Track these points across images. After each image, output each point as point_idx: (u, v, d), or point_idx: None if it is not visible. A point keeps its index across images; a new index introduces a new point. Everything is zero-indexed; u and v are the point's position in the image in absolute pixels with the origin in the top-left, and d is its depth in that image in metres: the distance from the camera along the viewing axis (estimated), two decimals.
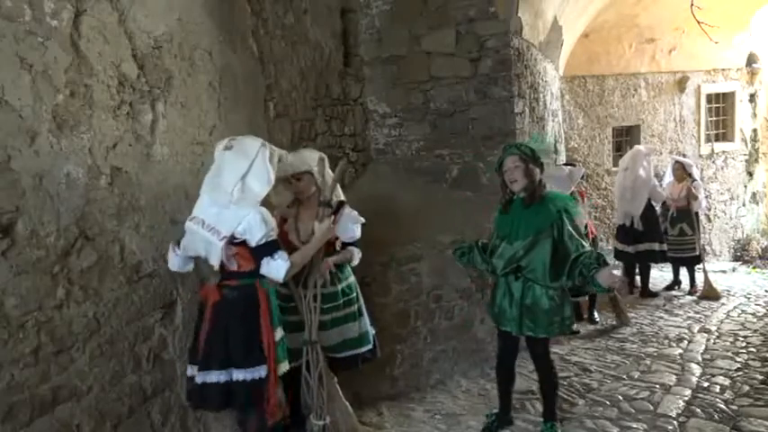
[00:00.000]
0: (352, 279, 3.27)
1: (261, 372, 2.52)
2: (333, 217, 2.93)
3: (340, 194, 3.24)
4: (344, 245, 3.19)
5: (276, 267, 2.50)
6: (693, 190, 6.64)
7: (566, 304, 3.08)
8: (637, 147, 7.19)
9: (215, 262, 2.51)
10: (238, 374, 2.50)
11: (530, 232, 3.01)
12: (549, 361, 3.24)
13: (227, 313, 2.54)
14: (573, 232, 2.99)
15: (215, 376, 2.50)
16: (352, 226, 3.16)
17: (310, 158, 3.10)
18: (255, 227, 2.46)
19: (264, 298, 2.60)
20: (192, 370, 2.61)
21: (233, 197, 2.44)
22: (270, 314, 2.60)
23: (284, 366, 2.65)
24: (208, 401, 2.56)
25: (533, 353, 3.24)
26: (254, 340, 2.54)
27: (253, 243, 2.48)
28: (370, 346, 3.29)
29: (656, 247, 6.50)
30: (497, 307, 3.19)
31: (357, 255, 3.23)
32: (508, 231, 3.09)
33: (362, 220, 3.22)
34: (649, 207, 6.45)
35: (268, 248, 2.49)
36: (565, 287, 3.06)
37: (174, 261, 2.62)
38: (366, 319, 3.29)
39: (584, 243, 3.00)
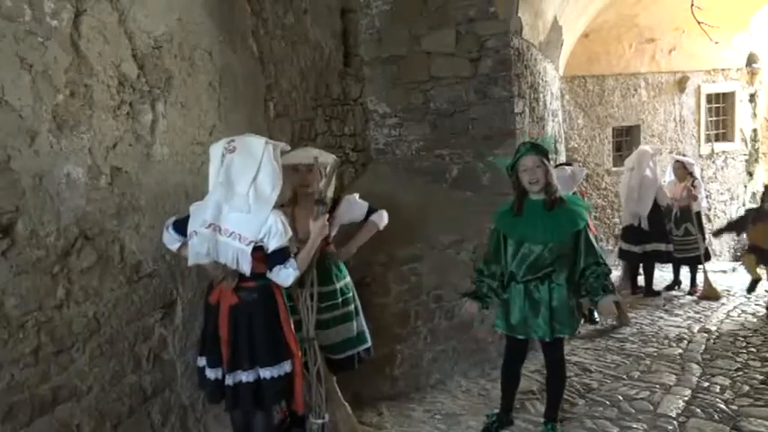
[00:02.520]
0: (348, 278, 3.27)
1: (286, 367, 2.59)
2: (327, 215, 2.92)
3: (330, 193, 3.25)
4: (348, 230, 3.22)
5: (286, 275, 2.53)
6: (693, 190, 6.65)
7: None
8: (643, 147, 7.19)
9: (246, 268, 2.49)
10: (265, 372, 2.56)
11: (556, 236, 2.94)
12: (564, 363, 3.25)
13: (249, 315, 2.56)
14: (591, 242, 3.02)
15: (244, 376, 2.55)
16: (353, 207, 3.19)
17: (322, 155, 3.11)
18: (277, 233, 2.49)
19: (280, 295, 2.66)
20: (201, 361, 2.67)
21: (250, 201, 2.46)
22: (286, 309, 2.68)
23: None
24: (242, 402, 2.59)
25: (553, 355, 3.18)
26: (278, 337, 2.60)
27: (270, 248, 2.50)
28: (367, 344, 3.29)
29: (663, 247, 6.50)
30: (516, 318, 3.07)
31: (380, 220, 3.25)
32: (526, 234, 2.99)
33: (356, 195, 3.24)
34: (655, 207, 6.45)
35: (281, 256, 2.52)
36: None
37: (168, 238, 2.65)
38: (362, 318, 3.30)
39: (597, 254, 3.02)
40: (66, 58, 2.27)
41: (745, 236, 6.91)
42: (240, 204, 2.47)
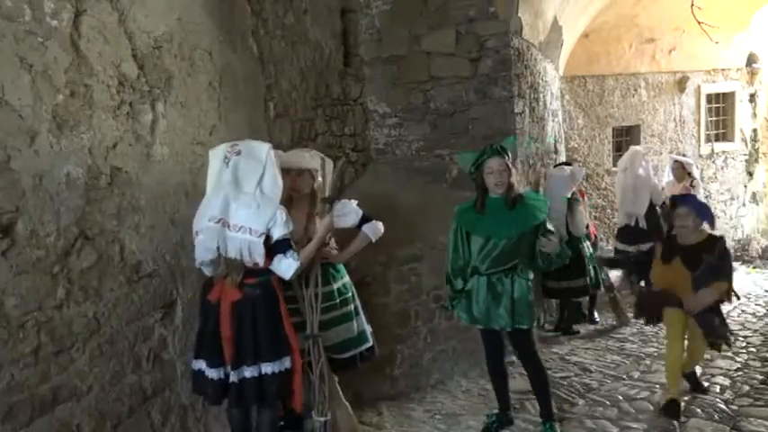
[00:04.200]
0: (347, 278, 3.27)
1: (286, 363, 2.64)
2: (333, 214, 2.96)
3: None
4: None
5: (287, 265, 2.58)
6: (691, 190, 6.63)
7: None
8: (634, 147, 7.17)
9: (260, 259, 2.56)
10: (267, 368, 2.60)
11: (516, 231, 3.09)
12: (537, 356, 3.30)
13: (252, 310, 2.60)
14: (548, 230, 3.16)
15: (248, 372, 2.59)
16: (348, 212, 3.16)
17: (312, 158, 3.12)
18: (280, 225, 2.56)
19: (281, 291, 2.70)
20: (198, 364, 2.68)
21: (256, 198, 2.53)
22: (286, 306, 2.72)
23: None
24: (247, 398, 2.62)
25: (521, 350, 3.28)
26: (279, 333, 2.64)
27: (273, 238, 2.56)
28: (369, 344, 3.29)
29: None
30: (479, 308, 3.19)
31: (373, 233, 3.22)
32: (491, 230, 3.13)
33: (354, 202, 3.21)
34: (650, 207, 6.44)
35: (283, 246, 2.58)
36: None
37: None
38: (363, 317, 3.29)
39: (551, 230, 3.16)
40: (66, 58, 2.27)
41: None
42: (248, 201, 2.53)
